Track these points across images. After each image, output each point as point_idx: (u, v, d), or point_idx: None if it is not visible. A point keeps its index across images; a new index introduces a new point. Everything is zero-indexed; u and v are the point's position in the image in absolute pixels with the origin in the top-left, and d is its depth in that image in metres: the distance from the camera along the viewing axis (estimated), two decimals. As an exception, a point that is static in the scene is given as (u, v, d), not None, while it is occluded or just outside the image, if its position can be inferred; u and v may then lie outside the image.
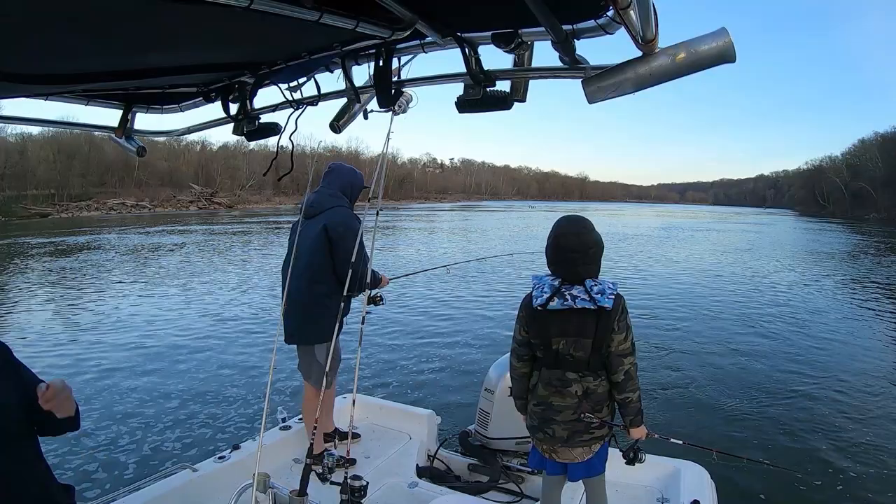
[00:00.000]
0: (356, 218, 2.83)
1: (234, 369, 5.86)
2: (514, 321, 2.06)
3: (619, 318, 1.86)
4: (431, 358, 6.35)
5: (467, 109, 1.46)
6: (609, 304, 1.83)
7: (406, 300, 9.60)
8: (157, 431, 4.35)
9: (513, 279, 12.44)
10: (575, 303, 1.84)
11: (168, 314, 8.51)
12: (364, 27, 1.20)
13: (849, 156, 69.66)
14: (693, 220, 47.11)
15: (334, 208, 2.81)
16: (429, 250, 18.45)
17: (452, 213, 48.28)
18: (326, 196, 2.85)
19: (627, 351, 1.88)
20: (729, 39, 1.12)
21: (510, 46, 1.29)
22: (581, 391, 1.89)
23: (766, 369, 6.11)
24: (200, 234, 23.60)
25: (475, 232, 28.51)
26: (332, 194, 2.86)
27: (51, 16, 0.95)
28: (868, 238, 29.03)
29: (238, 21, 1.09)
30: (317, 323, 2.72)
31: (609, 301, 1.83)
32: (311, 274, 2.74)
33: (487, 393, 2.82)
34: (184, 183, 52.99)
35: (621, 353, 1.87)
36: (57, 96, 1.54)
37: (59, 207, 39.22)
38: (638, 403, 1.92)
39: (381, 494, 2.45)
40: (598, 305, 1.83)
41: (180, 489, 2.22)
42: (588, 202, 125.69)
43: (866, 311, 9.73)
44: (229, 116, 1.80)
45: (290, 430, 2.86)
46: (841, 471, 3.85)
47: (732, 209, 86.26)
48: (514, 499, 2.62)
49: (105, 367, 5.92)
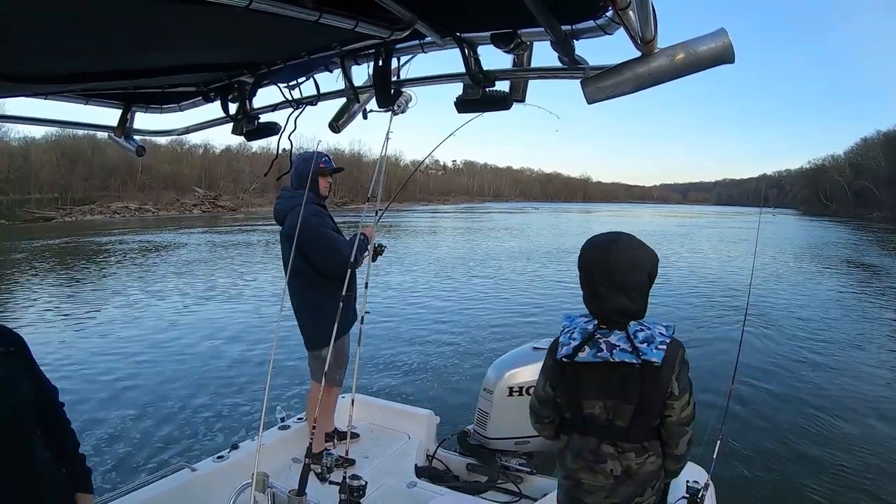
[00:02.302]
0: (315, 213, 2.72)
1: (234, 369, 5.87)
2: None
3: (676, 375, 1.41)
4: (430, 358, 6.35)
5: (466, 109, 1.47)
6: (657, 359, 1.37)
7: (406, 300, 9.61)
8: (156, 431, 4.36)
9: (513, 279, 12.44)
10: (612, 354, 1.40)
11: (168, 315, 8.53)
12: (363, 27, 1.20)
13: (851, 155, 69.41)
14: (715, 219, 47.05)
15: (292, 211, 2.73)
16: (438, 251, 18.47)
17: (457, 217, 48.17)
18: (287, 198, 2.80)
19: (689, 419, 1.45)
20: (728, 40, 1.13)
21: (509, 46, 1.29)
22: (620, 470, 1.45)
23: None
24: (203, 237, 23.65)
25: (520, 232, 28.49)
26: (290, 195, 2.80)
27: (50, 15, 0.95)
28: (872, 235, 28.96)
29: (237, 21, 1.10)
30: (320, 327, 2.72)
31: (658, 354, 1.37)
32: (301, 280, 2.73)
33: (486, 393, 2.82)
34: (187, 186, 53.02)
35: (683, 423, 1.44)
36: (56, 96, 1.54)
37: (63, 211, 39.25)
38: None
39: (380, 494, 2.45)
40: (642, 359, 1.38)
41: (179, 489, 2.22)
42: (591, 203, 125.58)
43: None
44: (228, 116, 1.80)
45: (289, 429, 2.86)
46: (842, 469, 3.84)
47: (735, 209, 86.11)
48: (513, 499, 2.62)
49: (105, 367, 5.94)
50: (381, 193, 2.29)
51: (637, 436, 1.45)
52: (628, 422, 1.43)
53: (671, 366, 1.41)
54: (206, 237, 23.36)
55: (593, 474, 1.47)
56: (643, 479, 1.46)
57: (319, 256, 2.69)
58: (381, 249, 2.83)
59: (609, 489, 1.46)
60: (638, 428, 1.44)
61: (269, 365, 1.88)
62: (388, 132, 1.99)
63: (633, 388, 1.41)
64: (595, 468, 1.47)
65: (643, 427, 1.45)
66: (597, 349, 1.42)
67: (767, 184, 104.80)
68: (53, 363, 6.00)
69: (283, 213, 2.80)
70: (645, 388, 1.40)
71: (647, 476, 1.46)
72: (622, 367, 1.40)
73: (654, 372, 1.39)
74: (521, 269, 14.24)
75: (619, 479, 1.45)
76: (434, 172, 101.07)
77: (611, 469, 1.45)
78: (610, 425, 1.45)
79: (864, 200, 59.63)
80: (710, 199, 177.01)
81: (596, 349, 1.42)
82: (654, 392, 1.41)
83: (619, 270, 1.42)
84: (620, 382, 1.42)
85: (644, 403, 1.42)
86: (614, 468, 1.45)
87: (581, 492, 1.50)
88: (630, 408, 1.42)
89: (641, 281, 1.45)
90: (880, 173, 58.77)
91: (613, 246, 1.45)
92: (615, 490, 1.45)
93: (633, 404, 1.41)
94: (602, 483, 1.46)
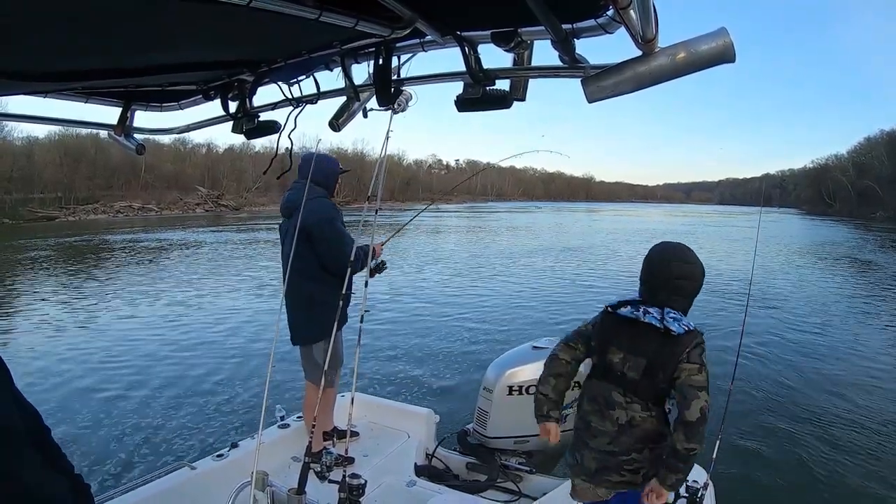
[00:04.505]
0: (334, 207, 2.80)
1: (233, 368, 5.89)
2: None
3: (691, 350, 1.64)
4: (430, 357, 6.36)
5: (467, 108, 1.46)
6: (677, 330, 1.63)
7: (406, 299, 9.61)
8: (155, 430, 4.37)
9: (514, 279, 12.44)
10: (643, 316, 1.68)
11: (169, 314, 8.56)
12: (364, 25, 1.20)
13: (855, 154, 69.22)
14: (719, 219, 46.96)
15: (309, 202, 2.74)
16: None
17: (460, 216, 48.16)
18: (301, 191, 2.81)
19: (703, 384, 1.62)
20: (729, 39, 1.12)
21: (510, 45, 1.28)
22: (625, 420, 1.69)
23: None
24: (206, 236, 23.71)
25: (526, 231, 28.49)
26: (302, 188, 2.78)
27: (50, 14, 0.95)
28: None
29: (238, 19, 1.09)
30: (313, 322, 2.73)
31: (679, 328, 1.63)
32: (301, 273, 2.72)
33: (486, 392, 2.82)
34: (190, 185, 53.10)
35: (695, 385, 1.61)
36: (56, 94, 1.54)
37: (67, 211, 39.34)
38: (693, 462, 1.64)
39: (380, 493, 2.45)
40: (664, 327, 1.64)
41: (179, 487, 2.22)
42: (594, 202, 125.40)
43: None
44: (229, 114, 1.80)
45: (289, 428, 2.87)
46: (842, 470, 3.83)
47: (740, 209, 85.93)
48: (512, 498, 2.62)
49: (105, 366, 5.97)
50: (381, 193, 2.29)
51: (645, 393, 1.69)
52: (639, 375, 1.68)
53: (687, 342, 1.65)
54: (209, 236, 23.42)
55: (602, 419, 1.73)
56: (642, 435, 1.69)
57: (327, 248, 2.71)
58: (383, 268, 2.83)
59: (612, 436, 1.71)
60: (647, 385, 1.68)
61: (268, 363, 1.89)
62: (388, 131, 1.99)
63: (650, 347, 1.67)
64: (605, 413, 1.73)
65: (651, 386, 1.68)
66: (634, 309, 1.71)
67: (771, 183, 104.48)
68: (54, 363, 6.04)
69: (297, 204, 2.79)
70: (660, 350, 1.66)
71: (645, 434, 1.69)
72: (647, 328, 1.67)
73: (671, 339, 1.64)
74: (522, 268, 14.25)
75: (623, 427, 1.70)
76: (437, 172, 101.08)
77: (617, 417, 1.71)
78: (623, 376, 1.71)
79: (867, 200, 59.40)
80: (714, 198, 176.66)
81: (634, 309, 1.71)
82: (667, 357, 1.65)
83: (675, 277, 1.71)
84: (641, 339, 1.69)
85: (655, 362, 1.66)
86: (620, 416, 1.70)
87: (588, 434, 1.76)
88: (643, 362, 1.67)
89: (691, 290, 1.74)
90: (883, 172, 58.56)
91: (675, 258, 1.74)
92: (617, 438, 1.70)
93: (647, 360, 1.67)
94: (608, 429, 1.72)
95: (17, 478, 0.94)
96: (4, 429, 0.93)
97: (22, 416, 1.03)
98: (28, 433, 1.02)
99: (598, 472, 1.74)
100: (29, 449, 0.98)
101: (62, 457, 1.19)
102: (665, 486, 1.62)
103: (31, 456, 0.98)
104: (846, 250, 20.82)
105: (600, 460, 1.73)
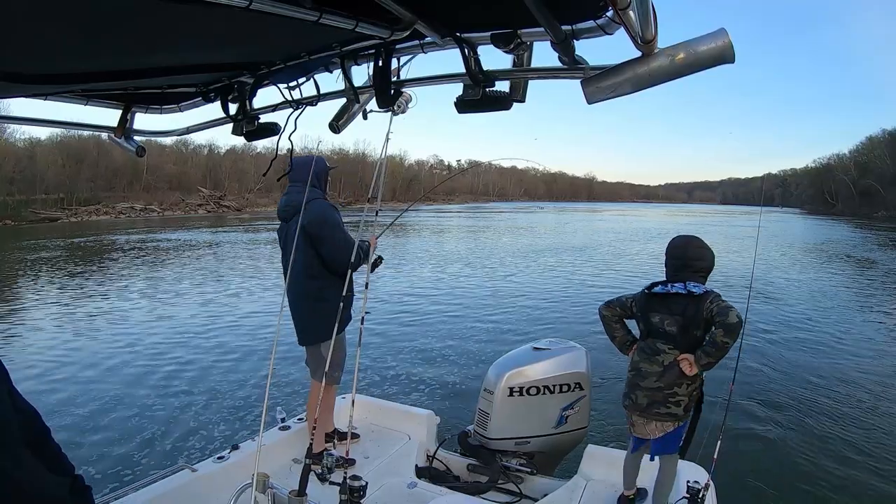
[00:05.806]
0: (332, 207, 2.83)
1: (234, 369, 5.89)
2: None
3: (712, 299, 2.08)
4: (431, 358, 6.35)
5: (466, 110, 1.46)
6: (698, 291, 2.10)
7: (406, 300, 9.61)
8: (156, 431, 4.38)
9: (514, 279, 12.42)
10: (671, 288, 2.17)
11: (169, 315, 8.58)
12: (363, 27, 1.20)
13: (857, 154, 69.07)
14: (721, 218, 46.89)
15: (307, 204, 2.78)
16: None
17: (462, 216, 48.10)
18: (297, 193, 2.81)
19: (731, 306, 2.03)
20: (728, 40, 1.12)
21: (509, 47, 1.28)
22: (668, 361, 2.13)
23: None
24: (208, 236, 23.75)
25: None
26: (301, 190, 2.78)
27: (50, 15, 0.95)
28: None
29: (237, 21, 1.10)
30: (319, 321, 2.73)
31: (699, 290, 2.11)
32: (304, 275, 2.74)
33: (487, 393, 2.81)
34: (192, 186, 53.22)
35: (726, 306, 2.04)
36: (56, 96, 1.54)
37: (69, 212, 39.41)
38: (724, 354, 2.03)
39: (381, 495, 2.44)
40: (688, 290, 2.12)
41: (180, 489, 2.22)
42: (596, 202, 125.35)
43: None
44: (228, 116, 1.80)
45: (290, 430, 2.86)
46: (843, 470, 3.82)
47: (742, 208, 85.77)
48: (514, 499, 2.61)
49: (106, 367, 5.98)
50: (381, 193, 2.29)
51: (683, 343, 2.13)
52: (677, 330, 2.14)
53: (707, 296, 2.10)
54: (211, 236, 23.46)
55: (650, 363, 2.18)
56: (682, 373, 2.11)
57: (331, 247, 2.72)
58: (379, 261, 2.86)
59: (658, 375, 2.15)
60: (685, 338, 2.12)
61: (269, 365, 1.89)
62: (388, 132, 2.00)
63: (680, 308, 2.14)
64: (652, 359, 2.18)
65: (688, 338, 2.12)
66: (664, 286, 2.20)
67: (773, 183, 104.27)
68: (54, 363, 6.05)
69: (295, 206, 2.80)
70: (688, 309, 2.12)
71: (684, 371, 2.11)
72: (676, 296, 2.16)
73: (696, 298, 2.11)
74: (524, 268, 14.23)
75: (667, 367, 2.14)
76: (439, 172, 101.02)
77: (662, 360, 2.16)
78: (664, 331, 2.18)
79: (869, 199, 59.26)
80: (716, 198, 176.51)
81: (664, 286, 2.21)
82: (695, 311, 2.10)
83: (691, 258, 2.22)
84: (673, 304, 2.16)
85: (687, 318, 2.12)
86: (664, 359, 2.15)
87: (640, 377, 2.20)
88: (678, 319, 2.14)
89: (704, 266, 2.22)
90: (886, 172, 58.40)
91: (690, 244, 2.26)
92: (662, 376, 2.14)
93: (680, 316, 2.14)
94: (655, 370, 2.16)
95: (12, 477, 0.92)
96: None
97: (20, 416, 1.02)
98: (26, 433, 1.02)
99: (649, 407, 2.15)
100: (25, 449, 0.97)
101: (62, 457, 1.18)
102: (697, 363, 2.06)
103: (27, 456, 0.97)
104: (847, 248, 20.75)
105: (650, 396, 2.15)
